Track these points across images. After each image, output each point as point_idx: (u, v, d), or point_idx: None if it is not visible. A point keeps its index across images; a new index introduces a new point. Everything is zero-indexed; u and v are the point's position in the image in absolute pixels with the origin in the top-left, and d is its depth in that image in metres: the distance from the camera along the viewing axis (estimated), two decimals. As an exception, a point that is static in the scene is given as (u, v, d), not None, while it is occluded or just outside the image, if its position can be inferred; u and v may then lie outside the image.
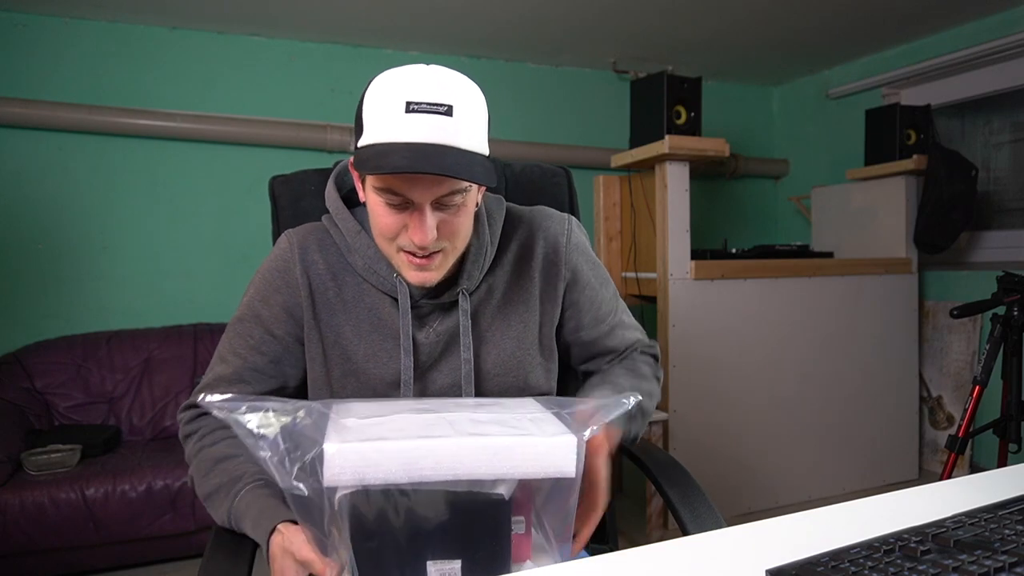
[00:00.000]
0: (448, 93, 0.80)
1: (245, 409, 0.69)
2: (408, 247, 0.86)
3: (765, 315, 2.76)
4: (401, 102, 0.79)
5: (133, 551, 2.29)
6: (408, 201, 0.82)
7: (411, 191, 0.81)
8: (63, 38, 2.82)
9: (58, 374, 2.63)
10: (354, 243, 0.94)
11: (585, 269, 1.04)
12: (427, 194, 0.81)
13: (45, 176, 2.82)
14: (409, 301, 0.93)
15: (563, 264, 1.01)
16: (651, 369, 1.09)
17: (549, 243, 1.01)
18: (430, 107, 0.78)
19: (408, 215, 0.84)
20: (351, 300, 0.95)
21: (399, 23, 3.00)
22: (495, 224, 0.99)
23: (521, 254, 1.00)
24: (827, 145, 3.87)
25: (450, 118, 0.79)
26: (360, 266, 0.94)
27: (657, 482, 1.01)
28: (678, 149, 2.54)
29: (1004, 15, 2.98)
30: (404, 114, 0.78)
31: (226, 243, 3.05)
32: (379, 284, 0.94)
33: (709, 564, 0.63)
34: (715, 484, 2.64)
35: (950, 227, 2.96)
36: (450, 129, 0.79)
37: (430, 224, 0.82)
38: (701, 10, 2.91)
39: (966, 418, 2.24)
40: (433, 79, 0.81)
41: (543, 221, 1.02)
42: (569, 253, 1.01)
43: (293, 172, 1.22)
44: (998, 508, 0.70)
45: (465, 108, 0.81)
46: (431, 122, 0.78)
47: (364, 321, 0.95)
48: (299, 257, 0.95)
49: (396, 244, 0.87)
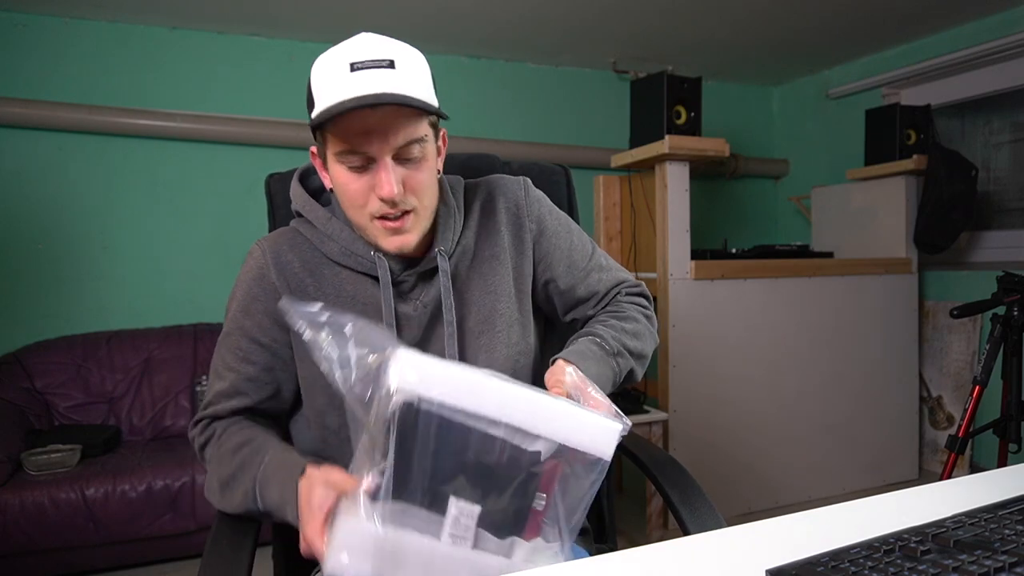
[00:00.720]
0: (389, 50, 0.84)
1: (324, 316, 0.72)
2: (379, 211, 0.87)
3: (765, 315, 2.76)
4: (345, 64, 0.82)
5: (133, 551, 2.29)
6: (369, 159, 0.84)
7: (369, 145, 0.83)
8: (63, 38, 2.83)
9: (58, 374, 2.63)
10: (327, 230, 0.95)
11: (549, 219, 1.05)
12: (385, 146, 0.83)
13: (45, 176, 2.82)
14: (389, 276, 0.94)
15: (526, 217, 1.02)
16: (637, 309, 1.07)
17: (509, 200, 1.03)
18: (373, 63, 0.82)
19: (372, 176, 0.85)
20: (331, 291, 0.95)
21: (399, 23, 3.00)
22: (458, 195, 1.03)
23: (485, 214, 1.02)
24: (827, 145, 3.87)
25: (393, 70, 0.82)
26: (336, 252, 0.95)
27: (657, 482, 1.01)
28: (678, 149, 2.54)
29: (1004, 15, 2.98)
30: (349, 74, 0.81)
31: (226, 243, 3.05)
32: (357, 266, 0.94)
33: (709, 564, 0.63)
34: (715, 484, 2.64)
35: (950, 227, 2.96)
36: (394, 80, 0.82)
37: (394, 177, 0.84)
38: (701, 10, 2.91)
39: (966, 418, 2.24)
40: (374, 40, 0.85)
41: (498, 182, 1.05)
42: (530, 205, 1.03)
43: (289, 170, 1.22)
44: (998, 508, 0.70)
45: (407, 63, 0.85)
46: (375, 75, 0.81)
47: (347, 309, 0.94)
48: (272, 261, 0.95)
49: (368, 212, 0.88)
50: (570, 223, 1.08)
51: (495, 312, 0.98)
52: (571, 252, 1.05)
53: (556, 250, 1.04)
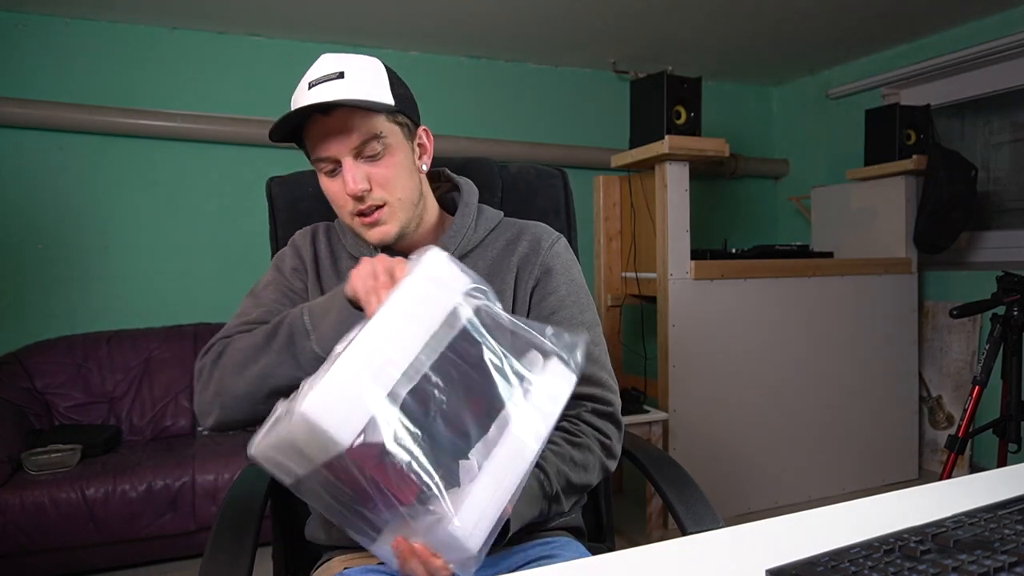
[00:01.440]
0: (340, 64, 0.92)
1: None
2: (354, 208, 0.94)
3: (765, 315, 2.76)
4: (305, 84, 0.92)
5: (133, 551, 2.29)
6: (335, 161, 0.92)
7: (327, 148, 0.91)
8: (63, 38, 2.83)
9: (58, 374, 2.63)
10: (345, 227, 1.02)
11: (558, 276, 1.01)
12: (342, 147, 0.91)
13: (45, 176, 2.82)
14: None
15: (538, 262, 1.01)
16: (597, 438, 0.95)
17: (532, 243, 1.03)
18: (325, 78, 0.91)
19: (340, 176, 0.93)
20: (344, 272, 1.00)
21: (399, 23, 3.00)
22: (486, 221, 1.05)
23: (505, 249, 1.03)
24: (827, 145, 3.87)
25: (342, 80, 0.90)
26: (350, 245, 1.03)
27: (656, 482, 1.01)
28: (678, 149, 2.54)
29: (1004, 15, 2.98)
30: (307, 92, 0.91)
31: (226, 243, 3.05)
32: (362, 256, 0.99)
33: (709, 564, 0.64)
34: (715, 484, 2.64)
35: (950, 227, 2.96)
36: (343, 87, 0.90)
37: (354, 174, 0.91)
38: (701, 10, 2.92)
39: (966, 418, 2.24)
40: (330, 59, 0.93)
41: (533, 228, 1.05)
42: (547, 254, 1.02)
43: (290, 173, 1.22)
44: (998, 508, 0.70)
45: (356, 71, 0.92)
46: (327, 87, 0.90)
47: None
48: (310, 239, 1.05)
49: (347, 211, 0.95)
50: (580, 297, 1.02)
51: None
52: (561, 320, 0.97)
53: (547, 307, 0.99)
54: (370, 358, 0.67)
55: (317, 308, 0.86)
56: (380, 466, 0.65)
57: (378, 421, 0.64)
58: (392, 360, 0.68)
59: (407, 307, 0.71)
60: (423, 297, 0.72)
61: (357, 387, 0.65)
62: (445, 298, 0.73)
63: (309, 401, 0.64)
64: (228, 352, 0.90)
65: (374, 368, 0.67)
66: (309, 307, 0.87)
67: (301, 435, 0.66)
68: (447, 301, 0.73)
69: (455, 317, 0.73)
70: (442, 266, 0.75)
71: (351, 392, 0.65)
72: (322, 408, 0.64)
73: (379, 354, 0.68)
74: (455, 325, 0.72)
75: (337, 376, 0.66)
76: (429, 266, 0.75)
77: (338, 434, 0.63)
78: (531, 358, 0.76)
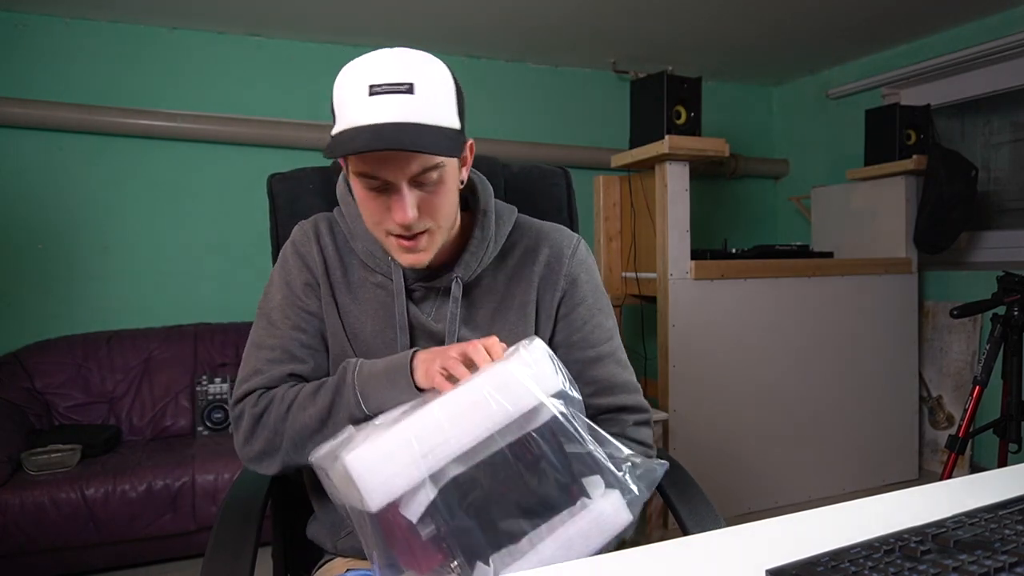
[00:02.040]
0: (409, 72, 0.81)
1: None
2: (395, 230, 0.87)
3: (765, 315, 2.76)
4: (364, 86, 0.81)
5: (133, 551, 2.29)
6: (387, 183, 0.84)
7: (385, 171, 0.83)
8: (63, 38, 2.82)
9: (58, 374, 2.63)
10: (355, 229, 0.97)
11: (584, 285, 1.01)
12: (400, 173, 0.83)
13: (45, 176, 2.82)
14: (403, 283, 0.96)
15: (562, 274, 1.00)
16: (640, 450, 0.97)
17: (553, 251, 1.01)
18: (391, 87, 0.80)
19: (389, 197, 0.86)
20: (356, 283, 0.98)
21: (399, 23, 2.99)
22: (503, 226, 1.01)
23: (524, 259, 1.01)
24: (827, 145, 3.87)
25: (412, 95, 0.80)
26: (360, 250, 0.98)
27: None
28: (678, 149, 2.54)
29: (1004, 15, 2.98)
30: (368, 97, 0.80)
31: (226, 243, 3.05)
32: (376, 267, 0.97)
33: (709, 564, 0.63)
34: (715, 484, 2.64)
35: (950, 227, 2.96)
36: (412, 106, 0.81)
37: (409, 203, 0.84)
38: (701, 10, 2.91)
39: (966, 418, 2.24)
40: (394, 60, 0.82)
41: (552, 232, 1.04)
42: (571, 264, 1.01)
43: (291, 170, 1.22)
44: (998, 508, 0.70)
45: (427, 84, 0.82)
46: (393, 101, 0.80)
47: (367, 303, 0.97)
48: (314, 238, 0.99)
49: (384, 228, 0.89)
50: (604, 302, 1.03)
51: None
52: (593, 329, 1.00)
53: (578, 319, 0.99)
54: (430, 434, 0.67)
55: (376, 397, 0.83)
56: (407, 531, 0.66)
57: (414, 496, 0.65)
58: (450, 441, 0.67)
59: (486, 393, 0.69)
60: (506, 387, 0.70)
61: (404, 459, 0.65)
62: (530, 396, 0.70)
63: (355, 455, 0.64)
64: (275, 416, 0.89)
65: (430, 444, 0.66)
66: (366, 395, 0.84)
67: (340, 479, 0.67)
68: (531, 399, 0.70)
69: (533, 416, 0.70)
70: (539, 361, 0.72)
71: (397, 461, 0.65)
72: (364, 467, 0.64)
73: (439, 432, 0.67)
74: (528, 425, 0.70)
75: (390, 441, 0.66)
76: (527, 358, 0.72)
77: (370, 496, 0.64)
78: (594, 481, 0.73)
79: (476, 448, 0.68)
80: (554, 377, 0.72)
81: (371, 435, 0.68)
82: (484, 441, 0.68)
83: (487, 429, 0.68)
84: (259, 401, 0.91)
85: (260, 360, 0.94)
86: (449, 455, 0.67)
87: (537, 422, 0.70)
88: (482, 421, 0.68)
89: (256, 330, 0.97)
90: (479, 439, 0.68)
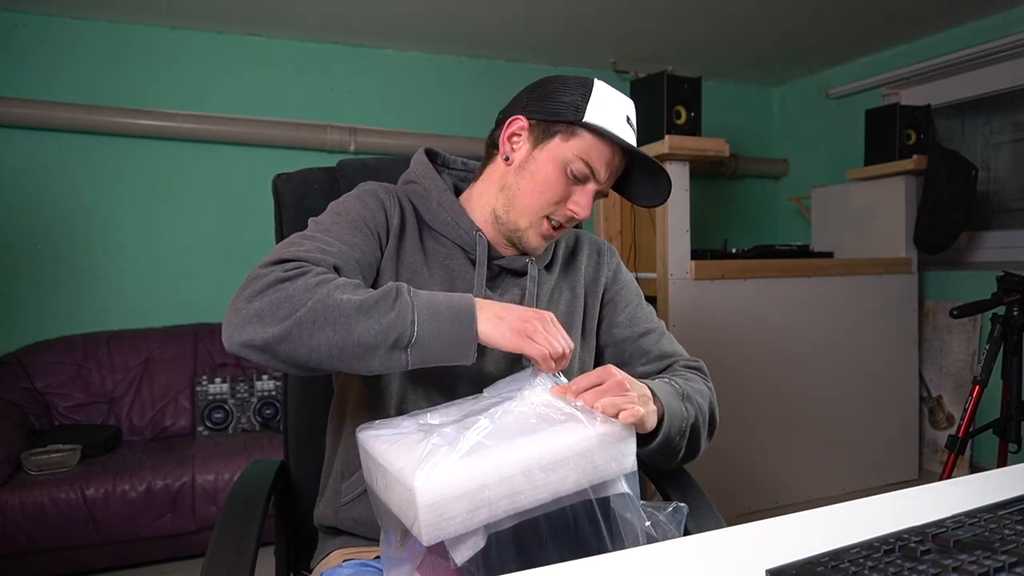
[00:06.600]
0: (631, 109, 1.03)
1: None
2: (558, 217, 0.98)
3: (765, 315, 2.76)
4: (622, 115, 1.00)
5: (133, 551, 2.29)
6: (588, 177, 0.97)
7: (602, 171, 0.98)
8: (63, 38, 2.82)
9: (58, 374, 2.63)
10: (441, 200, 1.01)
11: (624, 275, 1.14)
12: (607, 181, 1.00)
13: (45, 176, 2.82)
14: (487, 254, 1.00)
15: (606, 264, 1.12)
16: (699, 377, 1.07)
17: (594, 247, 1.14)
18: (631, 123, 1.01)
19: (574, 189, 0.98)
20: (430, 251, 1.00)
21: (399, 23, 3.00)
22: None
23: (570, 251, 1.12)
24: (827, 145, 3.87)
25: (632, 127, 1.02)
26: (443, 219, 1.00)
27: (657, 482, 1.01)
28: (678, 149, 2.54)
29: (1004, 15, 2.98)
30: (624, 124, 1.00)
31: (226, 243, 3.05)
32: (456, 238, 1.00)
33: (709, 564, 0.64)
34: (715, 484, 2.63)
35: (950, 227, 2.96)
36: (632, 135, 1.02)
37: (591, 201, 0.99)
38: (701, 10, 2.91)
39: (966, 418, 2.24)
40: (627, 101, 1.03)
41: (586, 234, 1.16)
42: (612, 259, 1.14)
43: (297, 170, 1.22)
44: (998, 508, 0.70)
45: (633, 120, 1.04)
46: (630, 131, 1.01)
47: (438, 272, 0.99)
48: (395, 197, 1.01)
49: (548, 211, 0.98)
50: (641, 292, 1.16)
51: None
52: (636, 310, 1.11)
53: (622, 300, 1.11)
54: (500, 481, 0.66)
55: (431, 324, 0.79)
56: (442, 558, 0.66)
57: (465, 539, 0.65)
58: (517, 497, 0.67)
59: (567, 455, 0.69)
60: (588, 457, 0.70)
61: (471, 504, 0.65)
62: (610, 473, 0.72)
63: (430, 487, 0.63)
64: (303, 285, 0.78)
65: (499, 493, 0.66)
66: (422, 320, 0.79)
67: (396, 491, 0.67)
68: (609, 475, 0.71)
69: (602, 487, 0.71)
70: (625, 439, 0.73)
71: (464, 506, 0.64)
72: (428, 500, 0.63)
73: (510, 483, 0.66)
74: (595, 492, 0.71)
75: (463, 480, 0.65)
76: (613, 433, 0.72)
77: (427, 532, 0.64)
78: None
79: (540, 505, 0.68)
80: (631, 457, 0.75)
81: (443, 461, 0.65)
82: (554, 499, 0.69)
83: (557, 493, 0.69)
84: (293, 269, 0.80)
85: (305, 248, 0.84)
86: (513, 510, 0.67)
87: (605, 492, 0.72)
88: (555, 485, 0.69)
89: (302, 234, 0.89)
90: (545, 501, 0.68)
